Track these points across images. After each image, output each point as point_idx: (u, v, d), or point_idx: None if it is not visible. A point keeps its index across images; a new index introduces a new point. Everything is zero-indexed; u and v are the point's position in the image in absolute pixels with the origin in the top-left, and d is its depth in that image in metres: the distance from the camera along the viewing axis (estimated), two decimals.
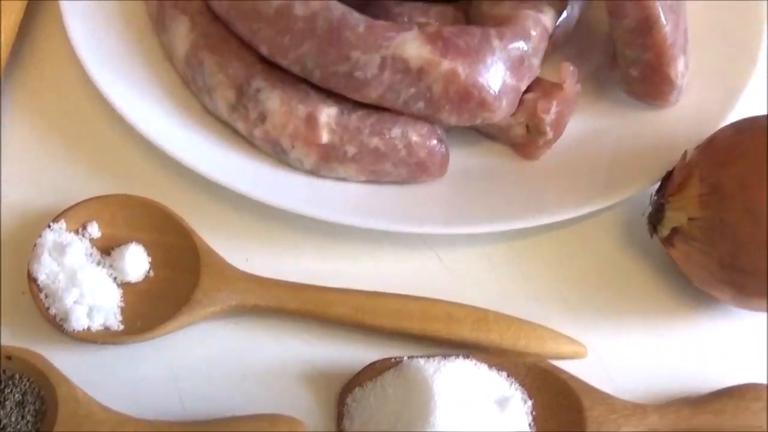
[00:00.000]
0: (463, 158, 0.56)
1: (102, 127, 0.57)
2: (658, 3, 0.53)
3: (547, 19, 0.55)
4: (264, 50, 0.53)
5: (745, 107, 0.57)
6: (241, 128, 0.54)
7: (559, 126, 0.54)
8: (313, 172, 0.53)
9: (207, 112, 0.55)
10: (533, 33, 0.53)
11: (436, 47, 0.51)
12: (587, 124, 0.57)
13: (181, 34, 0.56)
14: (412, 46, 0.51)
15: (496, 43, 0.52)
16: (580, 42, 0.61)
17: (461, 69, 0.51)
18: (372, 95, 0.52)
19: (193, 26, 0.55)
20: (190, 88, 0.56)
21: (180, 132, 0.54)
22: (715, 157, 0.51)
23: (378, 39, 0.51)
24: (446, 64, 0.51)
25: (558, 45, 0.59)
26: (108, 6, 0.59)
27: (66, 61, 0.59)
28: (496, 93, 0.52)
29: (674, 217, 0.51)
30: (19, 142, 0.57)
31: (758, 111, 0.60)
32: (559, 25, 0.57)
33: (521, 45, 0.53)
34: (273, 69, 0.53)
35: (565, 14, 0.58)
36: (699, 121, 0.56)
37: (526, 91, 0.54)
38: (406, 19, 0.56)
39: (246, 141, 0.54)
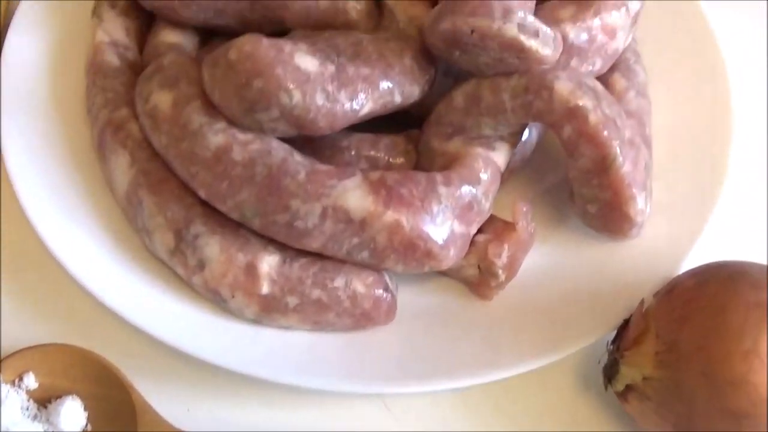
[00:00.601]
0: (413, 297, 0.53)
1: (41, 268, 0.55)
2: (615, 142, 0.50)
3: (499, 156, 0.52)
4: (202, 194, 0.51)
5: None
6: (180, 273, 0.52)
7: (512, 268, 0.52)
8: (255, 321, 0.51)
9: (148, 251, 0.54)
10: (483, 176, 0.51)
11: (379, 197, 0.49)
12: (544, 257, 0.55)
13: (121, 168, 0.53)
14: (354, 196, 0.49)
15: (442, 190, 0.50)
16: (538, 157, 0.58)
17: (405, 220, 0.49)
18: (314, 245, 0.50)
19: (132, 161, 0.53)
20: (131, 224, 0.54)
21: (118, 278, 0.52)
22: (673, 312, 0.48)
23: (319, 188, 0.49)
24: (390, 215, 0.49)
25: (515, 171, 0.56)
26: (51, 129, 0.57)
27: (5, 192, 0.57)
28: (443, 242, 0.49)
29: (629, 373, 0.48)
30: None
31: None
32: (515, 152, 0.54)
33: (470, 190, 0.50)
34: (213, 212, 0.51)
35: (523, 138, 0.55)
36: (660, 257, 0.54)
37: (478, 231, 0.52)
38: (353, 153, 0.54)
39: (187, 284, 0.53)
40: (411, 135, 0.55)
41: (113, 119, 0.55)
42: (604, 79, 0.57)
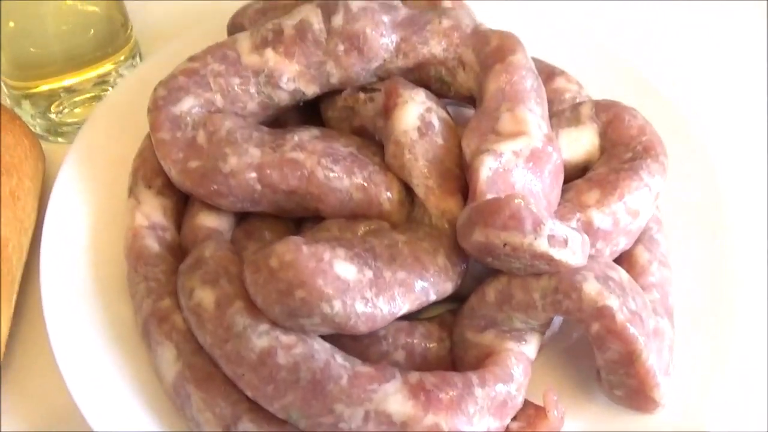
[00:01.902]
0: None
1: None
2: (641, 339, 0.52)
3: (530, 348, 0.55)
4: (249, 394, 0.53)
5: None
6: None
7: None
8: None
9: None
10: (516, 372, 0.53)
11: (419, 401, 0.51)
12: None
13: (167, 361, 0.55)
14: (395, 401, 0.51)
15: (478, 392, 0.52)
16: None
17: (444, 423, 0.51)
18: None
19: (178, 355, 0.55)
20: (179, 412, 0.56)
21: None
22: None
23: (361, 392, 0.51)
24: (429, 419, 0.51)
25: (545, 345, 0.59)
26: (95, 313, 0.59)
27: (49, 371, 0.58)
28: None
29: None
30: None
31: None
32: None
33: (504, 388, 0.53)
34: (259, 407, 0.53)
35: None
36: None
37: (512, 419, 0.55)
38: (390, 341, 0.56)
39: None
40: (444, 321, 0.58)
41: (157, 311, 0.57)
42: (627, 253, 0.59)
